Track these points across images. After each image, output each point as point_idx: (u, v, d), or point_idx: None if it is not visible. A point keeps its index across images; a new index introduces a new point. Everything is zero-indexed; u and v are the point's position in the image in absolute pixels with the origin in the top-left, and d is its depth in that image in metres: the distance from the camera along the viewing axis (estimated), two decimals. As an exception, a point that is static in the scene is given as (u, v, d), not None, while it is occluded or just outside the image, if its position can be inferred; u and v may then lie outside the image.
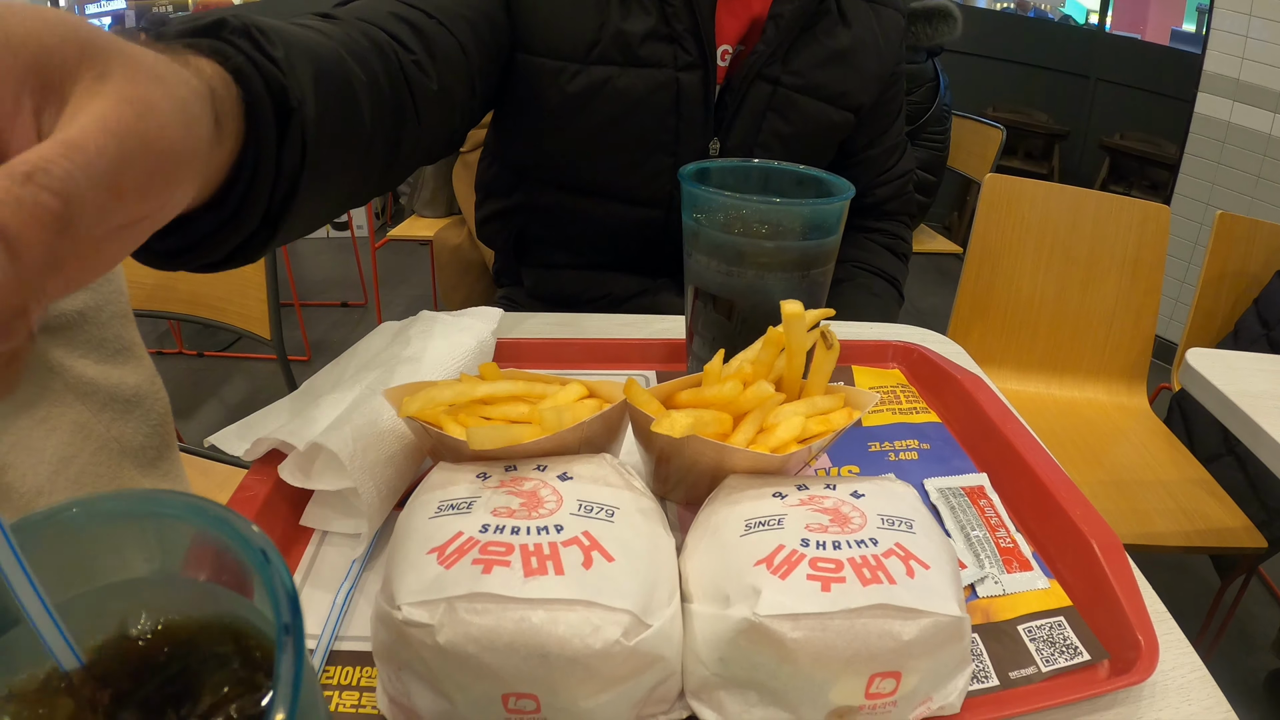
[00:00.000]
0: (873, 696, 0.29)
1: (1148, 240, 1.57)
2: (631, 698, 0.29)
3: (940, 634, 0.28)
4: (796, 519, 0.30)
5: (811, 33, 0.82)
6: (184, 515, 0.18)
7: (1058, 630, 0.38)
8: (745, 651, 0.28)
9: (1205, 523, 1.27)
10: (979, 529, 0.44)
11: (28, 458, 0.73)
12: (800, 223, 0.50)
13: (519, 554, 0.27)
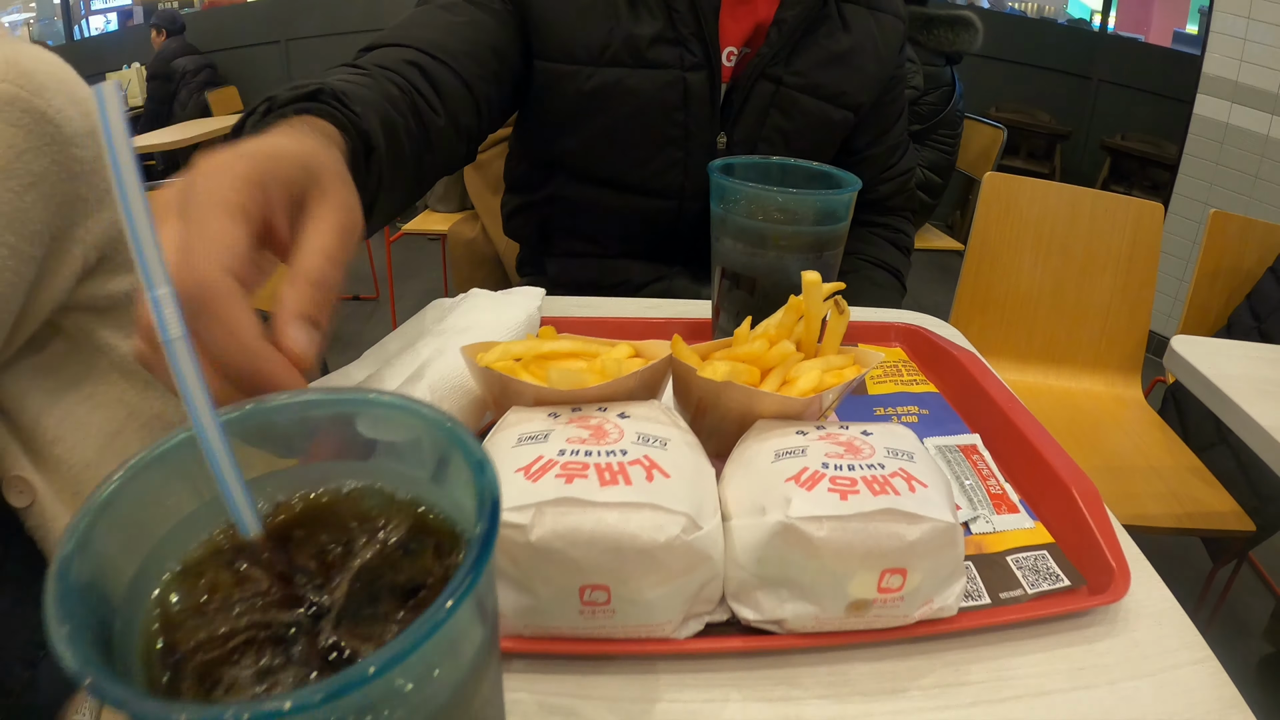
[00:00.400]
0: (884, 591, 0.35)
1: (1142, 237, 1.62)
2: (684, 593, 0.35)
3: (938, 538, 0.34)
4: (817, 449, 0.36)
5: (813, 36, 0.87)
6: (433, 420, 0.23)
7: (1041, 561, 0.44)
8: (779, 551, 0.34)
9: (1195, 506, 1.32)
10: (972, 478, 0.50)
11: (76, 432, 0.81)
12: (814, 211, 0.56)
13: (594, 470, 0.33)
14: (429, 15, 0.78)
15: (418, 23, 0.76)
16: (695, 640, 0.37)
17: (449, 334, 0.51)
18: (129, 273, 0.86)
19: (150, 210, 0.20)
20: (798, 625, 0.36)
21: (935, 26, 2.42)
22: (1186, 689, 0.40)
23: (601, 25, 0.82)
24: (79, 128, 0.76)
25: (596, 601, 0.33)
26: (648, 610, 0.34)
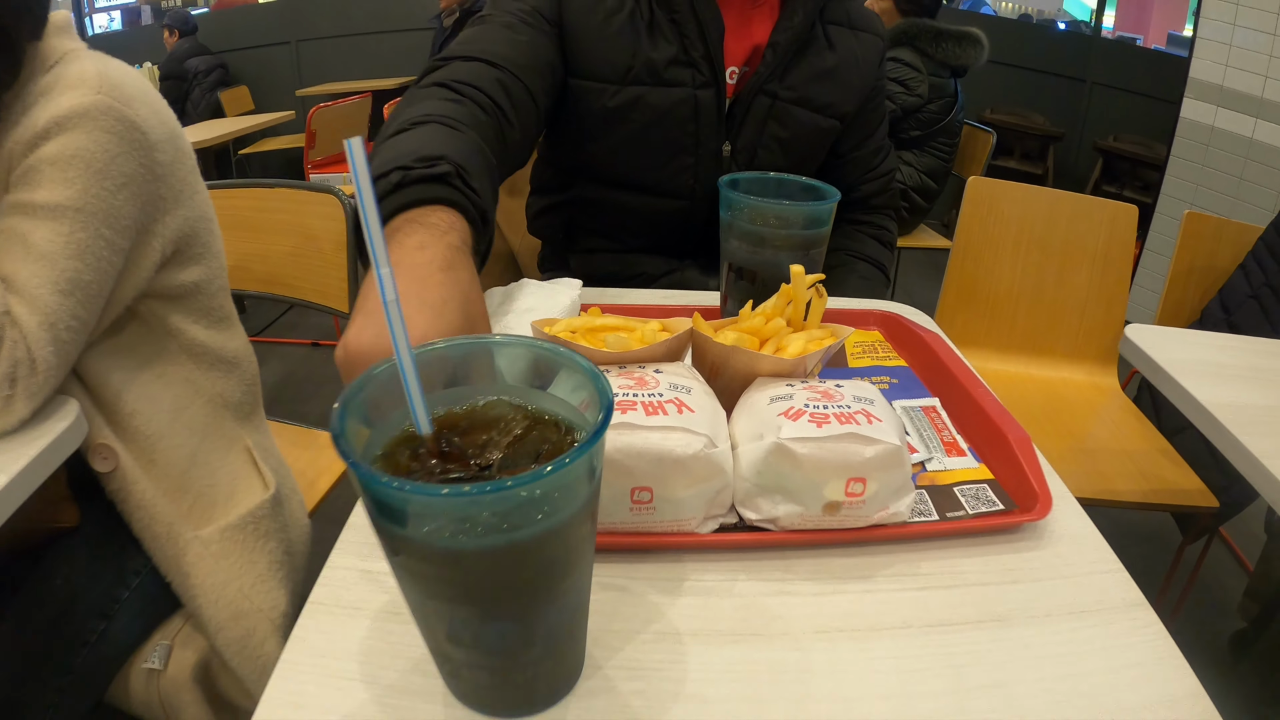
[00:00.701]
0: (850, 495, 0.46)
1: (1117, 236, 1.72)
2: (705, 496, 0.47)
3: (888, 457, 0.46)
4: (801, 395, 0.48)
5: (803, 55, 0.99)
6: (527, 345, 0.35)
7: (982, 492, 0.56)
8: (772, 465, 0.46)
9: (1161, 484, 1.43)
10: (929, 430, 0.61)
11: (150, 406, 0.92)
12: (803, 218, 0.69)
13: (640, 405, 0.45)
14: (496, 32, 0.89)
15: (489, 38, 0.87)
16: (713, 535, 0.49)
17: (517, 313, 0.62)
18: (197, 265, 0.97)
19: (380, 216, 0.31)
20: (788, 523, 0.48)
21: (944, 41, 2.53)
22: (1098, 589, 0.51)
23: (626, 49, 0.94)
24: (160, 135, 0.87)
25: (642, 501, 0.45)
26: (678, 508, 0.46)
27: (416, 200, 0.56)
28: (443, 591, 0.30)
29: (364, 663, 0.41)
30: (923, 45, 2.55)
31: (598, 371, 0.32)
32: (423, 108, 0.72)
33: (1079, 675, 0.44)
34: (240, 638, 0.92)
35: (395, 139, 0.67)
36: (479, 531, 0.28)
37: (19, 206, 0.77)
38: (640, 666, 0.42)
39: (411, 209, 0.56)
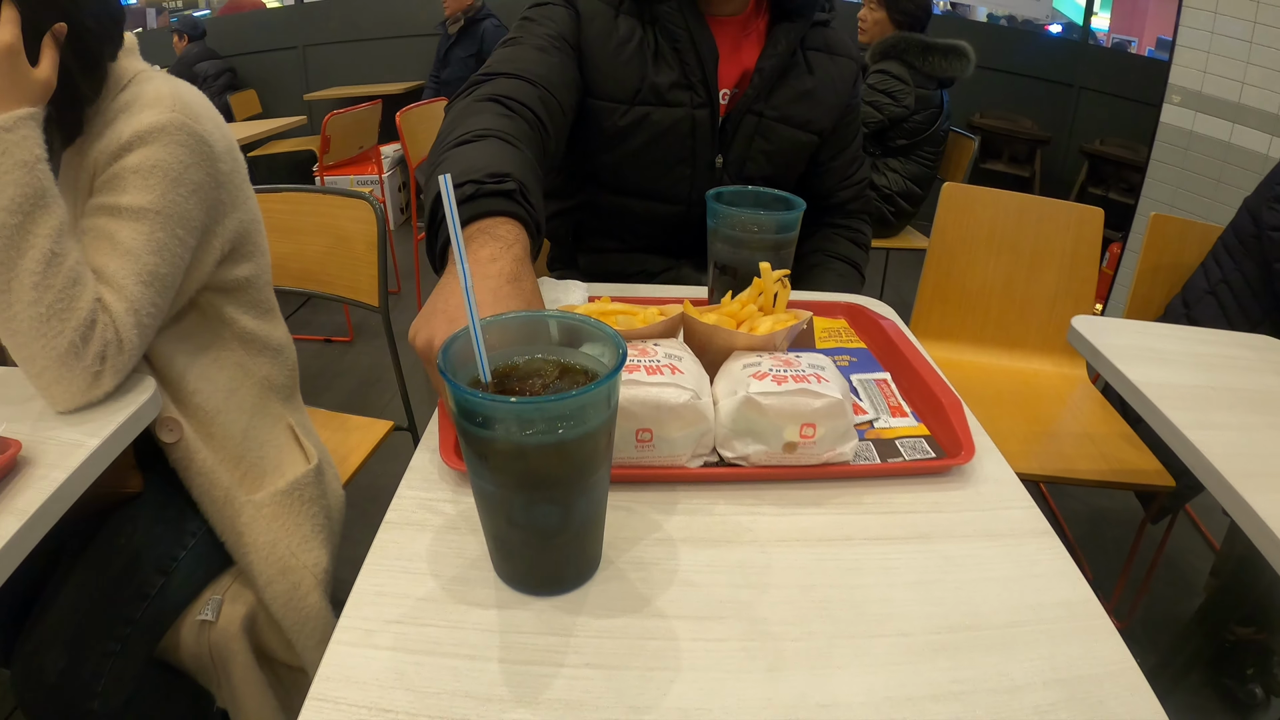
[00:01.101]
0: (804, 437, 0.59)
1: (1084, 237, 1.85)
2: (692, 438, 0.60)
3: (833, 408, 0.59)
4: (768, 362, 0.61)
5: (785, 79, 1.12)
6: (562, 318, 0.49)
7: (919, 444, 0.68)
8: (744, 413, 0.59)
9: (1120, 465, 1.55)
10: (879, 397, 0.75)
11: (207, 386, 1.05)
12: (774, 224, 0.83)
13: (643, 368, 0.58)
14: (531, 54, 1.01)
15: (527, 59, 0.99)
16: (699, 469, 0.63)
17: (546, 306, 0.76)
18: (248, 261, 1.09)
19: (461, 231, 0.44)
20: (757, 460, 0.62)
21: (931, 54, 2.65)
22: (1010, 520, 0.64)
23: (635, 74, 1.07)
24: (222, 147, 0.99)
25: (645, 440, 0.59)
26: (672, 446, 0.60)
27: (488, 212, 0.67)
28: (507, 480, 0.44)
29: (430, 562, 0.54)
30: (910, 59, 2.67)
31: (615, 333, 0.45)
32: (482, 120, 0.84)
33: (988, 580, 0.57)
34: (287, 590, 1.04)
35: (462, 149, 0.78)
36: (535, 433, 0.41)
37: (105, 208, 0.89)
38: (644, 562, 0.55)
39: (483, 219, 0.67)
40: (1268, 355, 1.18)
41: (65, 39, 0.86)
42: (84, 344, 0.83)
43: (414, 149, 2.91)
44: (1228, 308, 1.78)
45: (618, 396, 0.45)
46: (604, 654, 0.47)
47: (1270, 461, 0.86)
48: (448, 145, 0.80)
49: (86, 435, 0.81)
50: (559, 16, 1.07)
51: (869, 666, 0.48)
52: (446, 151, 0.79)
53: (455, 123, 0.85)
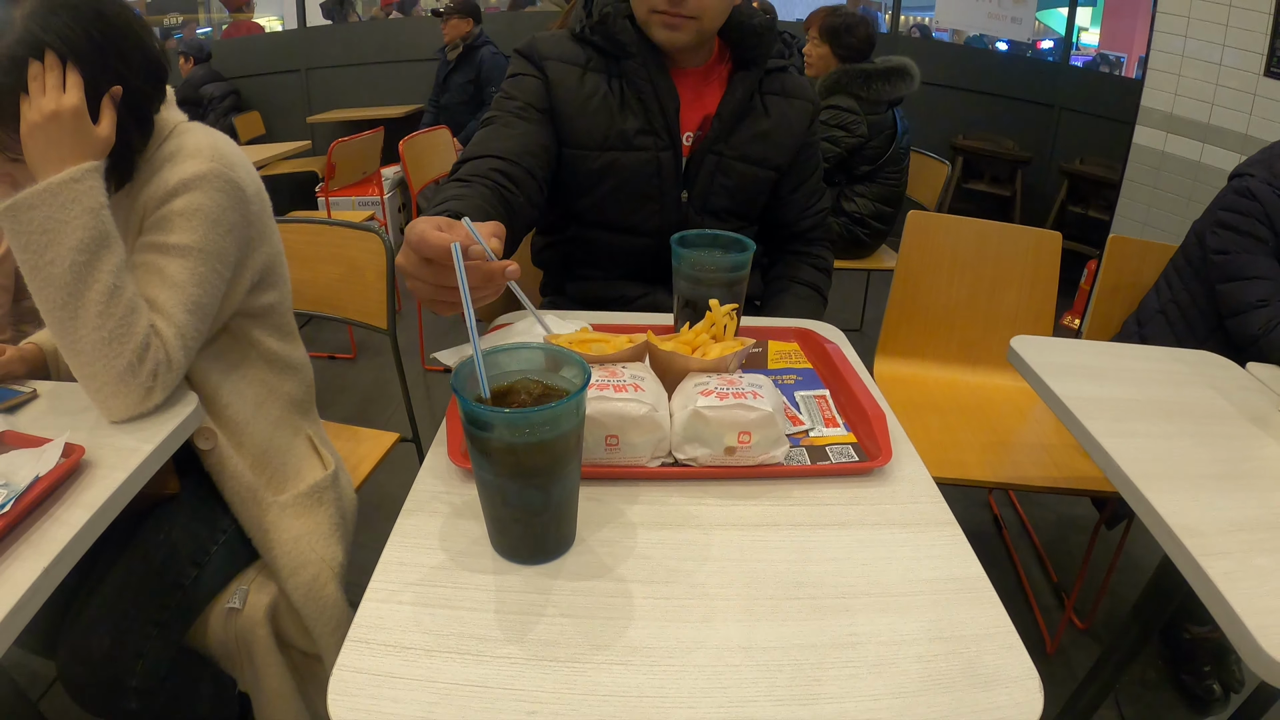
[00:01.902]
0: (741, 443, 0.74)
1: (1043, 259, 1.97)
2: (651, 443, 0.75)
3: (764, 419, 0.73)
4: (714, 382, 0.76)
5: (743, 121, 1.27)
6: (545, 349, 0.63)
7: (846, 449, 0.82)
8: (693, 423, 0.74)
9: (1071, 472, 1.64)
10: (816, 410, 0.89)
11: (238, 400, 1.18)
12: (728, 264, 0.96)
13: (611, 386, 0.72)
14: (496, 132, 1.17)
15: (491, 137, 1.16)
16: (657, 469, 0.77)
17: (536, 333, 0.90)
18: (273, 289, 1.22)
19: (466, 272, 0.58)
20: (704, 461, 0.76)
21: (873, 81, 2.75)
22: (919, 513, 0.77)
23: (602, 123, 1.22)
24: (253, 190, 1.13)
25: (612, 444, 0.74)
26: (635, 450, 0.75)
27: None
28: (503, 470, 0.58)
29: (441, 539, 0.67)
30: (855, 90, 2.77)
31: (583, 360, 0.59)
32: (445, 193, 1.03)
33: (891, 559, 0.70)
34: (307, 582, 1.17)
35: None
36: (523, 435, 0.55)
37: (155, 246, 1.02)
38: (610, 541, 0.69)
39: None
40: (1202, 369, 1.28)
41: (120, 98, 0.99)
42: (140, 364, 0.95)
43: (416, 174, 3.05)
44: (1175, 325, 1.87)
45: (585, 408, 0.59)
46: (575, 607, 0.61)
47: (1176, 465, 0.95)
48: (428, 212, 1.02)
49: (141, 441, 0.93)
50: (528, 86, 1.22)
51: (782, 620, 0.61)
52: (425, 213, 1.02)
53: (431, 200, 1.06)
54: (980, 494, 2.41)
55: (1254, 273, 1.71)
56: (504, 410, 0.56)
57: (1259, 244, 1.71)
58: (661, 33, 1.19)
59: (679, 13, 1.16)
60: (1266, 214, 1.70)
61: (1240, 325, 1.71)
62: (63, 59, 0.93)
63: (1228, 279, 1.75)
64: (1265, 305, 1.67)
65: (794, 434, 0.85)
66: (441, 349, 0.97)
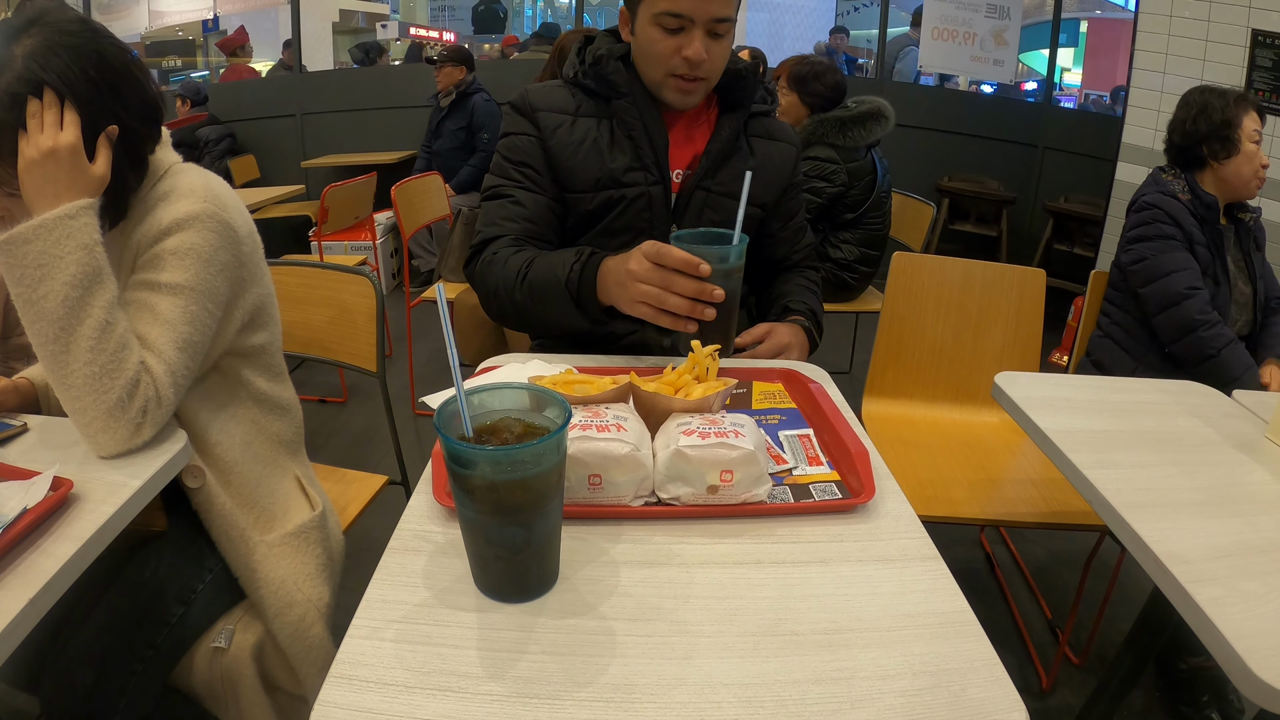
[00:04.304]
0: (724, 481, 0.74)
1: (1027, 296, 1.99)
2: (634, 482, 0.75)
3: (745, 458, 0.74)
4: (697, 421, 0.77)
5: (729, 160, 1.32)
6: (528, 389, 0.65)
7: (829, 487, 0.83)
8: (675, 462, 0.75)
9: (1060, 507, 1.65)
10: (800, 449, 0.90)
11: (227, 439, 1.18)
12: (729, 254, 1.04)
13: (594, 427, 0.73)
14: (506, 210, 1.28)
15: (505, 216, 1.28)
16: (640, 508, 0.78)
17: (526, 374, 0.93)
18: (263, 330, 1.23)
19: (456, 346, 0.59)
20: (687, 500, 0.77)
21: (849, 128, 2.78)
22: (901, 548, 0.77)
23: (595, 165, 1.27)
24: (244, 231, 1.14)
25: (595, 484, 0.74)
26: (617, 489, 0.75)
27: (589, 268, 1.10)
28: (484, 508, 0.58)
29: (424, 577, 0.68)
30: (831, 139, 2.79)
31: (565, 401, 0.60)
32: (519, 259, 1.20)
33: (874, 594, 0.70)
34: (293, 623, 1.16)
35: (534, 269, 1.18)
36: (504, 472, 0.56)
37: (147, 284, 1.03)
38: (592, 579, 0.69)
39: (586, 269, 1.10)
40: (1184, 399, 1.30)
41: (116, 138, 1.01)
42: (129, 399, 0.96)
43: (408, 219, 3.07)
44: (1123, 343, 2.04)
45: (566, 446, 0.60)
46: (557, 645, 0.61)
47: (1161, 494, 0.96)
48: (520, 277, 1.18)
49: (129, 477, 0.93)
50: (524, 146, 1.29)
51: (764, 656, 0.62)
52: (527, 276, 1.18)
53: (503, 269, 1.21)
54: (972, 532, 2.41)
55: (1172, 267, 1.90)
56: (486, 447, 0.57)
57: (1170, 242, 1.91)
58: (676, 96, 1.26)
59: (696, 76, 1.23)
60: (1169, 215, 1.92)
61: (1172, 317, 1.89)
62: (61, 97, 0.95)
63: (1149, 280, 1.93)
64: (1196, 292, 1.87)
65: (777, 472, 0.85)
66: (430, 393, 0.98)
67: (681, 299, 0.99)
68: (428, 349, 3.59)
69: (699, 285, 0.99)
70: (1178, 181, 1.98)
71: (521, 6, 10.18)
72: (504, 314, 1.27)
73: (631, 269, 1.02)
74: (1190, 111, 1.98)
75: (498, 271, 1.22)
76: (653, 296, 1.00)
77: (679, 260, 0.98)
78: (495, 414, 0.64)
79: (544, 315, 1.20)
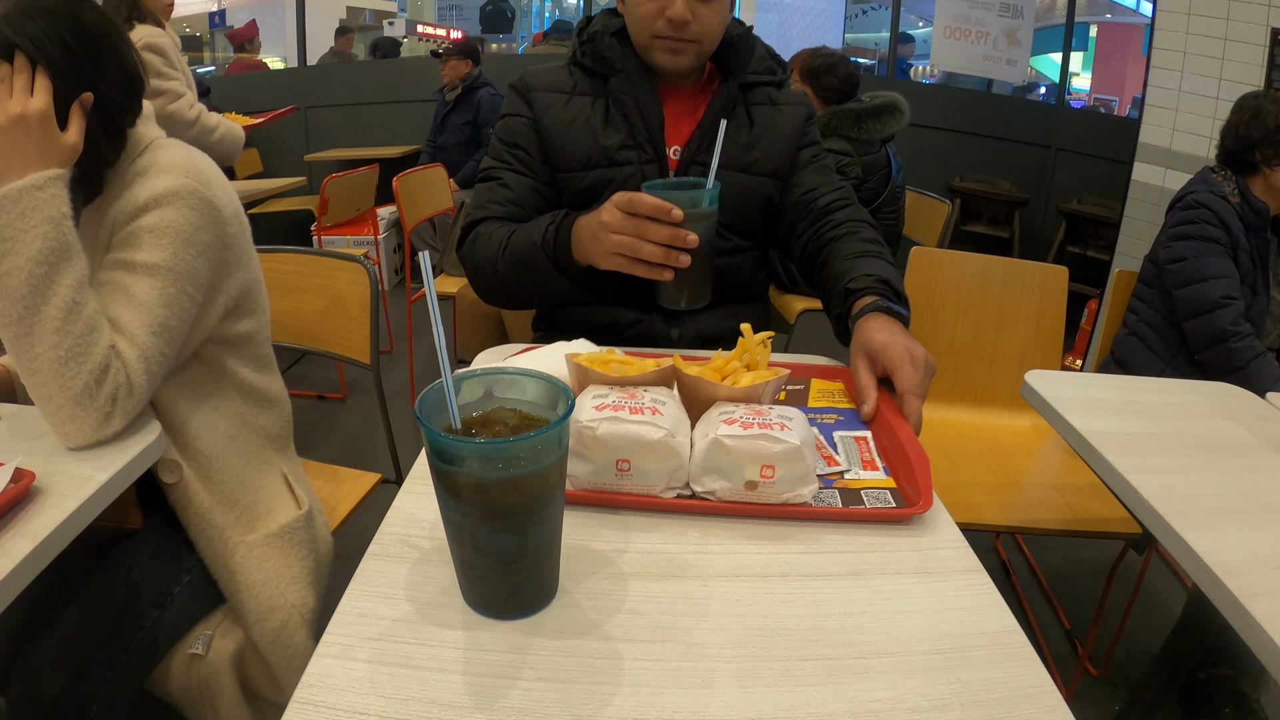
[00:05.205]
0: (764, 477, 0.67)
1: (1049, 295, 1.92)
2: (666, 472, 0.69)
3: (790, 453, 0.67)
4: (740, 411, 0.70)
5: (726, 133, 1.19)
6: (527, 374, 0.57)
7: (884, 495, 0.75)
8: (712, 452, 0.68)
9: (1085, 514, 1.59)
10: (855, 452, 0.82)
11: (208, 432, 1.11)
12: (703, 198, 1.00)
13: (627, 408, 0.67)
14: (495, 193, 1.24)
15: (492, 199, 1.24)
16: (671, 500, 0.72)
17: (561, 352, 0.87)
18: (250, 317, 1.17)
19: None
20: (723, 495, 0.70)
21: (864, 120, 2.71)
22: (943, 560, 0.69)
23: (586, 143, 1.21)
24: (229, 211, 1.08)
25: (623, 470, 0.69)
26: (647, 477, 0.69)
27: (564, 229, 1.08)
28: (472, 512, 0.50)
29: (407, 588, 0.60)
30: (846, 132, 2.72)
31: (566, 387, 0.53)
32: (503, 232, 1.18)
33: (913, 613, 0.62)
34: (275, 629, 1.09)
35: (513, 238, 1.15)
36: (495, 470, 0.48)
37: (122, 263, 0.97)
38: (596, 593, 0.61)
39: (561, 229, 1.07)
40: (1218, 400, 1.23)
41: (91, 107, 0.95)
42: (97, 386, 0.90)
43: (409, 213, 3.00)
44: (1151, 342, 1.98)
45: (567, 441, 0.52)
46: (555, 670, 0.53)
47: (1201, 500, 0.91)
48: (500, 249, 1.16)
49: (96, 470, 0.87)
50: (517, 128, 1.25)
51: (793, 686, 0.54)
52: (507, 246, 1.16)
53: (487, 243, 1.19)
54: (987, 539, 2.33)
55: (1211, 273, 1.86)
56: (475, 440, 0.49)
57: (1213, 245, 1.87)
58: (664, 57, 1.20)
59: (681, 37, 1.17)
60: (1217, 216, 1.87)
61: (1204, 325, 1.85)
62: (33, 63, 0.90)
63: (1185, 283, 1.88)
64: (1231, 302, 1.83)
65: (827, 474, 0.78)
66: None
67: (656, 247, 0.98)
68: (429, 345, 3.52)
69: (672, 231, 0.97)
70: (1228, 183, 1.93)
71: (529, 6, 10.12)
72: (490, 289, 1.24)
73: (604, 220, 1.01)
74: (1244, 116, 1.94)
75: (482, 247, 1.20)
76: (626, 246, 0.99)
77: (650, 206, 0.97)
78: (488, 402, 0.56)
79: (526, 283, 1.17)
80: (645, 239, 0.98)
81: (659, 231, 0.97)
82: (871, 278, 1.08)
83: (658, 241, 0.98)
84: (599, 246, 1.02)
